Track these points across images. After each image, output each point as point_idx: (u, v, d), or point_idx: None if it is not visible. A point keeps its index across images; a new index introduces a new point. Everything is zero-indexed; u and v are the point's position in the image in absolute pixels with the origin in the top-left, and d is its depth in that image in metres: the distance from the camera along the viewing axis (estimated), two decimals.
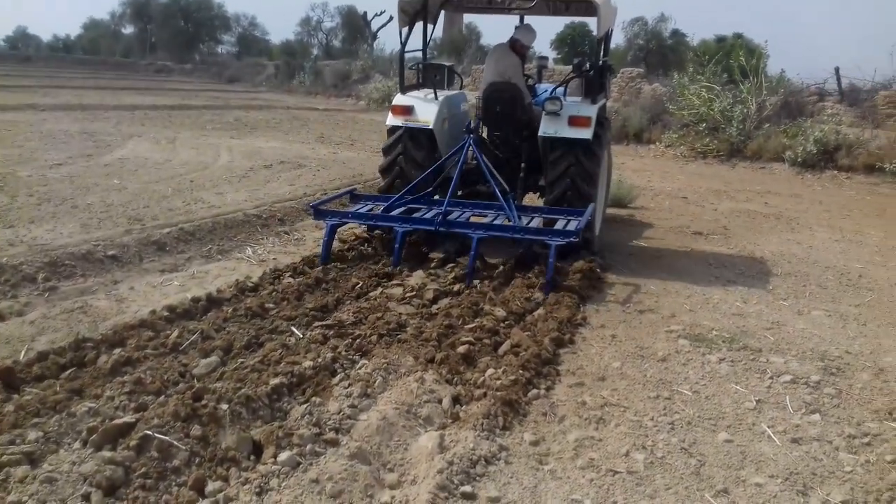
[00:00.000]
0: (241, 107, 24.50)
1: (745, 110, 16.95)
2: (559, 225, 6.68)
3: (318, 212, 6.86)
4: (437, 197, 7.36)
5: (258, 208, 8.70)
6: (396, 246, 6.55)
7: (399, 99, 7.60)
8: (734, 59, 18.27)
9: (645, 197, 11.28)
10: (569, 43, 39.60)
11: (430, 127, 7.35)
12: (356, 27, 51.67)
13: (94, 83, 31.74)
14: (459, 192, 7.48)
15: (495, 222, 6.77)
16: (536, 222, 6.87)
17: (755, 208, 11.10)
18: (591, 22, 8.11)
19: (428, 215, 6.90)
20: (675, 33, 39.71)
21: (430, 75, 8.06)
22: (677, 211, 10.52)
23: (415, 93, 7.78)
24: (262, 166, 12.02)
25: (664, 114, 18.92)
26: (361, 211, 7.06)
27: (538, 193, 8.17)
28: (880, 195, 13.36)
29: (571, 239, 6.23)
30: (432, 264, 6.70)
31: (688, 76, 19.08)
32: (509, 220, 6.71)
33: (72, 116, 17.56)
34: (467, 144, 7.14)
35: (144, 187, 9.51)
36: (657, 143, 18.13)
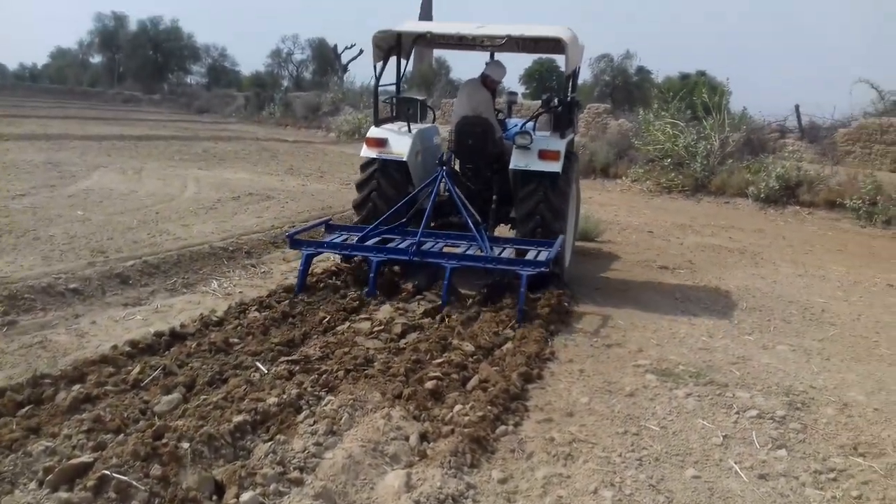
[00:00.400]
0: (210, 138, 24.38)
1: (709, 146, 17.27)
2: (530, 255, 6.82)
3: (294, 241, 6.93)
4: (410, 228, 7.42)
5: (225, 240, 8.61)
6: (372, 275, 6.63)
7: (373, 131, 7.72)
8: (697, 95, 18.68)
9: (612, 231, 11.38)
10: (537, 78, 40.21)
11: (404, 159, 7.49)
12: (326, 59, 51.96)
13: (61, 112, 31.44)
14: (432, 224, 7.57)
15: (468, 252, 6.93)
16: (508, 253, 7.00)
17: (720, 243, 11.26)
18: (560, 59, 8.28)
19: (402, 245, 7.00)
20: (641, 70, 40.54)
21: (403, 109, 8.22)
22: (643, 245, 10.63)
23: (388, 126, 7.93)
24: (230, 198, 11.94)
25: (630, 149, 19.21)
26: (337, 241, 7.10)
27: (509, 225, 8.30)
28: (841, 230, 13.64)
29: (542, 269, 6.36)
30: (403, 295, 6.74)
31: (653, 112, 19.44)
32: (481, 251, 6.88)
33: (36, 146, 17.33)
34: (440, 176, 7.29)
35: (109, 219, 9.37)
36: (623, 178, 18.36)
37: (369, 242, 7.05)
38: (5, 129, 20.55)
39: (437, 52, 38.84)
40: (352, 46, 47.91)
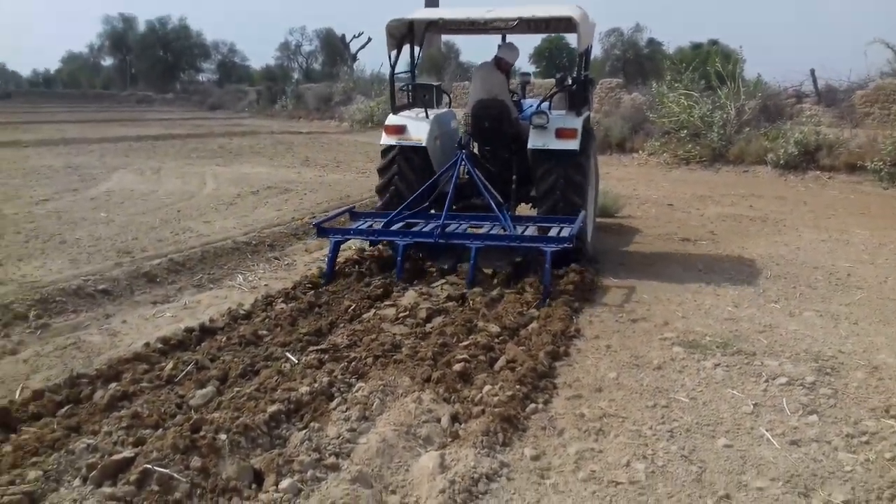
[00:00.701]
0: (225, 134, 24.51)
1: (725, 115, 17.12)
2: (553, 232, 6.91)
3: (321, 230, 7.09)
4: (433, 212, 7.54)
5: (247, 235, 8.70)
6: (399, 259, 6.76)
7: (392, 119, 7.82)
8: (711, 65, 18.50)
9: (631, 206, 11.35)
10: (547, 56, 40.01)
11: (424, 144, 7.60)
12: (335, 49, 51.93)
13: (76, 117, 31.73)
14: (454, 206, 7.63)
15: (492, 232, 7.04)
16: (531, 231, 7.12)
17: (741, 212, 11.19)
18: (571, 37, 8.33)
19: (426, 228, 7.11)
20: (651, 42, 40.22)
21: (419, 95, 8.34)
22: (664, 218, 10.59)
23: (406, 112, 8.02)
24: (249, 192, 12.03)
25: (645, 122, 19.07)
26: (362, 227, 7.23)
27: (530, 204, 8.38)
28: (863, 193, 13.49)
29: (566, 244, 6.44)
30: (427, 278, 6.84)
31: (666, 84, 19.26)
32: (505, 230, 6.97)
33: (55, 151, 17.53)
34: (460, 160, 7.40)
35: (132, 219, 9.49)
36: (640, 152, 18.26)
37: (394, 227, 7.15)
38: (23, 136, 20.81)
39: (445, 37, 38.71)
40: (360, 35, 47.97)
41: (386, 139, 7.76)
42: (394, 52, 7.90)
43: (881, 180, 13.97)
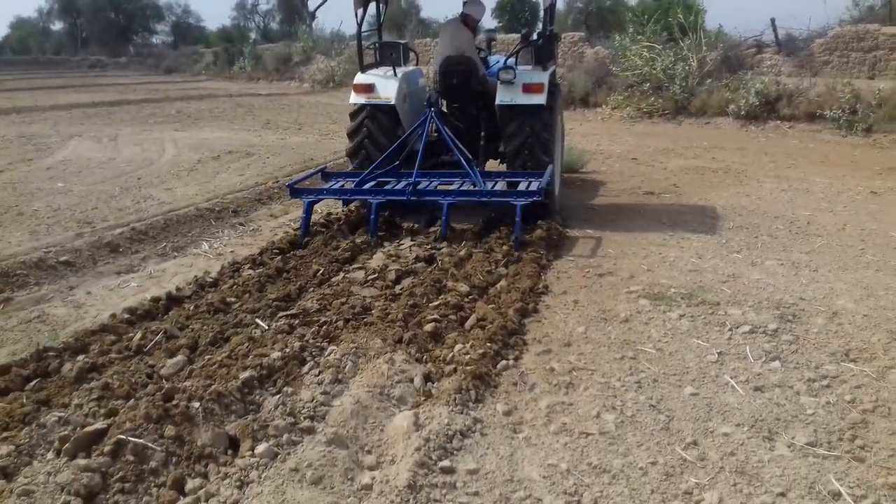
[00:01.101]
0: (182, 98, 24.01)
1: (687, 67, 17.17)
2: (522, 186, 7.05)
3: (294, 190, 7.13)
4: (403, 170, 7.59)
5: (210, 201, 8.59)
6: (372, 217, 6.86)
7: (360, 78, 7.84)
8: (672, 16, 18.47)
9: (595, 161, 11.39)
10: (509, 10, 39.55)
11: (392, 103, 7.62)
12: (293, 8, 50.88)
13: (27, 84, 30.83)
14: (423, 164, 7.67)
15: (462, 188, 7.18)
16: (501, 186, 7.25)
17: (703, 164, 11.30)
18: None
19: (398, 186, 7.21)
20: None
21: (386, 53, 8.33)
22: (628, 172, 10.65)
23: (374, 71, 8.00)
24: (210, 158, 11.84)
25: (608, 76, 19.07)
26: (335, 187, 7.33)
27: (498, 160, 8.47)
28: (822, 142, 13.70)
29: (535, 198, 6.61)
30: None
31: (629, 37, 19.23)
32: (475, 186, 7.08)
33: (7, 120, 17.05)
34: (429, 117, 7.48)
35: (91, 188, 9.30)
36: (603, 107, 18.29)
37: (366, 187, 7.20)
38: None
39: None
40: None
41: (355, 98, 7.78)
42: (360, 11, 7.91)
43: (840, 128, 14.18)
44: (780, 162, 11.49)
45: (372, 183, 7.32)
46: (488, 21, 38.53)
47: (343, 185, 7.39)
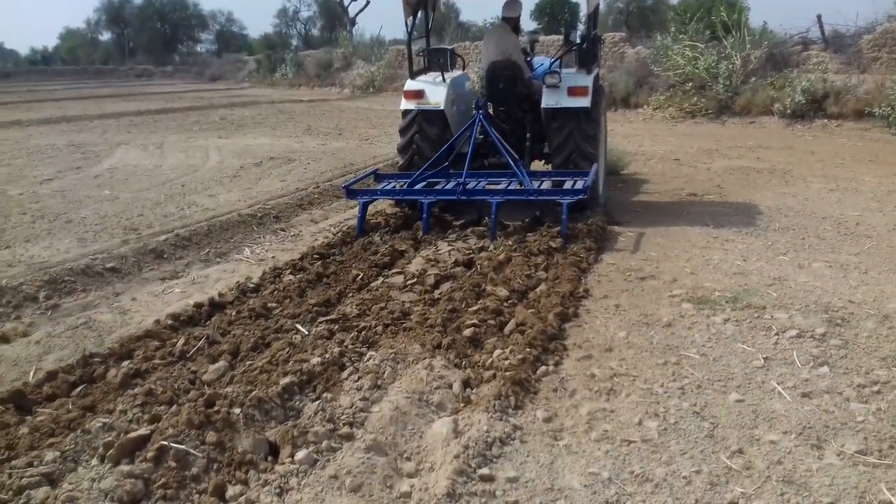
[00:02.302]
0: (226, 105, 24.39)
1: (731, 66, 16.92)
2: (568, 185, 7.29)
3: (350, 192, 7.53)
4: (451, 171, 7.85)
5: (252, 207, 8.69)
6: (424, 216, 7.14)
7: (410, 84, 8.22)
8: (715, 15, 18.20)
9: (637, 162, 11.26)
10: (548, 12, 39.40)
11: (441, 108, 7.96)
12: (334, 14, 51.44)
13: (77, 93, 31.61)
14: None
15: (510, 188, 7.44)
16: (547, 185, 7.54)
17: (748, 164, 11.10)
18: None
19: (448, 186, 7.51)
20: None
21: (434, 59, 8.64)
22: (671, 174, 10.51)
23: (423, 77, 8.39)
24: (253, 164, 12.00)
25: (650, 76, 18.88)
26: (388, 188, 7.73)
27: (543, 160, 8.67)
28: (871, 140, 13.35)
29: (581, 196, 6.86)
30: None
31: (670, 36, 19.02)
32: (522, 185, 7.32)
33: (57, 129, 17.49)
34: (477, 120, 7.70)
35: (136, 195, 9.48)
36: (645, 107, 18.09)
37: (417, 187, 7.52)
38: (24, 115, 20.74)
39: None
40: None
41: (405, 104, 8.13)
42: (409, 20, 8.29)
43: (889, 126, 13.82)
44: (827, 161, 11.23)
45: (422, 183, 7.59)
46: (528, 23, 38.42)
47: (395, 186, 7.72)
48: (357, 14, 47.00)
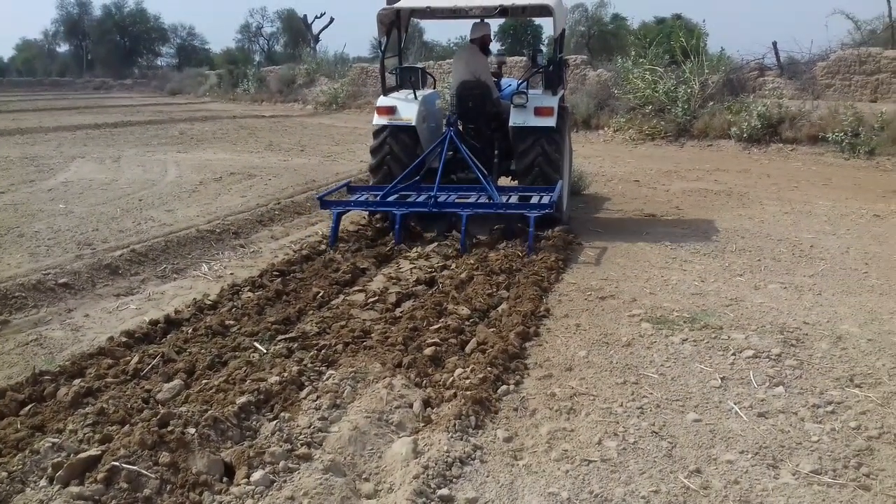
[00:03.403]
0: (186, 119, 24.10)
1: (689, 90, 17.23)
2: (534, 200, 7.56)
3: (324, 202, 7.73)
4: (422, 185, 8.08)
5: (211, 223, 8.56)
6: (397, 227, 7.44)
7: (382, 100, 8.46)
8: (675, 40, 18.55)
9: (598, 183, 11.39)
10: (511, 34, 39.82)
11: (413, 124, 8.19)
12: (297, 31, 51.35)
13: (32, 105, 31.00)
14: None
15: (479, 201, 7.73)
16: (514, 199, 7.82)
17: (706, 186, 11.29)
18: (546, 22, 9.06)
19: (420, 199, 7.79)
20: (616, 17, 40.30)
21: (406, 77, 8.89)
22: (630, 195, 10.64)
23: (395, 94, 8.60)
24: (212, 179, 11.85)
25: (610, 99, 19.13)
26: (361, 199, 7.98)
27: (510, 177, 8.90)
28: (825, 165, 13.69)
29: (547, 210, 7.16)
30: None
31: (631, 60, 19.30)
32: (491, 199, 7.63)
33: (11, 141, 17.10)
34: (448, 136, 7.97)
35: (92, 210, 9.30)
36: (606, 129, 18.33)
37: (390, 199, 7.77)
38: None
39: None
40: (322, 15, 47.39)
41: (378, 120, 8.35)
42: (384, 39, 8.55)
43: (843, 151, 14.18)
44: (782, 184, 11.47)
45: (395, 196, 7.84)
46: (492, 44, 38.76)
47: (367, 198, 7.97)
48: (321, 31, 47.05)
